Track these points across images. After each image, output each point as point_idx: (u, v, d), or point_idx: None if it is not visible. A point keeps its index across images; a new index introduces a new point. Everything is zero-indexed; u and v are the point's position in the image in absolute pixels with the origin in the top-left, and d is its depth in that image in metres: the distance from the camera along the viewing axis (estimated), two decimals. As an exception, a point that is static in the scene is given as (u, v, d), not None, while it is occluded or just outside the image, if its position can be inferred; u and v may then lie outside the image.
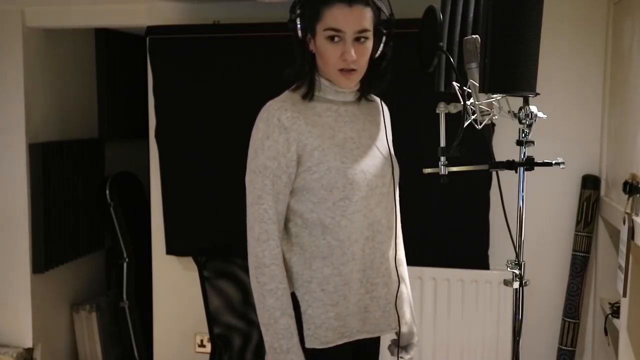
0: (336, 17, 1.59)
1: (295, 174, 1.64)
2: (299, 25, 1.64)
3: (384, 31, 1.66)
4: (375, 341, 1.87)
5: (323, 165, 1.63)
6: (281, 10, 2.92)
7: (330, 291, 1.66)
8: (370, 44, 1.64)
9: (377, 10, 1.64)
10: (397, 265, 1.83)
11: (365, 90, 1.75)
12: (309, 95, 1.67)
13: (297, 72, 1.69)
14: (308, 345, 1.65)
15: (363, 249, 1.68)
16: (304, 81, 1.68)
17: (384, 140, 1.79)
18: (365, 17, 1.61)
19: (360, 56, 1.62)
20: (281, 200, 1.64)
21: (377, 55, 1.68)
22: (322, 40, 1.62)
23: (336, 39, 1.61)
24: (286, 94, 1.71)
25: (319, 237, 1.65)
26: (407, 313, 1.89)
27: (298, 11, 1.64)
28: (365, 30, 1.61)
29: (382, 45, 1.67)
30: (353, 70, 1.64)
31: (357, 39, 1.61)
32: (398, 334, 1.88)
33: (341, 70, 1.64)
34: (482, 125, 1.75)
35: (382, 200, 1.71)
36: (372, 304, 1.72)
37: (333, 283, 1.66)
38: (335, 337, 1.67)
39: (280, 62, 1.80)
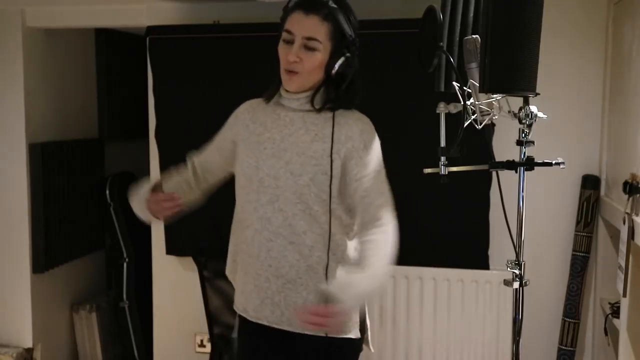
0: (292, 21, 1.74)
1: (228, 150, 1.91)
2: (281, 32, 1.78)
3: (344, 50, 1.73)
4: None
5: (240, 155, 1.85)
6: (281, 10, 2.93)
7: (238, 261, 1.91)
8: (319, 55, 1.72)
9: (336, 27, 1.72)
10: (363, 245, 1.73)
11: (318, 103, 1.78)
12: (270, 97, 1.85)
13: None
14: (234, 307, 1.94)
15: (253, 237, 1.81)
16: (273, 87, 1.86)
17: (310, 150, 1.76)
18: (317, 28, 1.71)
19: (305, 61, 1.72)
20: (203, 153, 2.01)
21: (333, 71, 1.74)
22: (280, 42, 1.77)
23: (289, 41, 1.74)
24: (263, 97, 1.89)
25: (236, 213, 1.91)
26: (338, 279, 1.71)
27: (282, 18, 1.79)
28: (313, 39, 1.71)
29: (338, 62, 1.73)
30: (294, 72, 1.74)
31: (305, 46, 1.71)
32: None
33: (286, 70, 1.75)
34: (482, 125, 1.75)
35: (276, 201, 1.77)
36: (254, 291, 1.84)
37: (238, 257, 1.90)
38: (240, 307, 1.90)
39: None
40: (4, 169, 3.24)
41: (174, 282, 3.22)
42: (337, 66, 1.73)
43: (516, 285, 1.78)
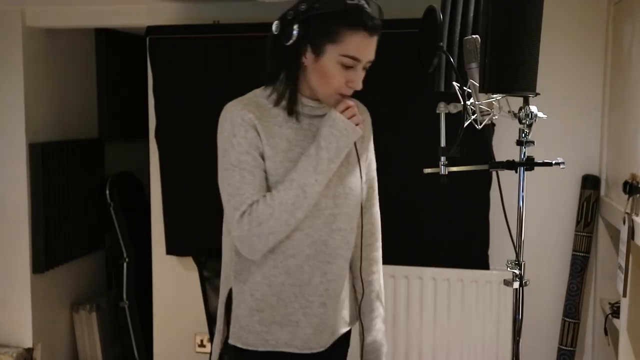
0: (358, 45, 1.54)
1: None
2: (295, 33, 1.55)
3: None
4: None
5: (272, 178, 1.59)
6: (281, 10, 2.93)
7: (258, 298, 1.66)
8: None
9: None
10: (368, 278, 1.81)
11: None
12: (292, 112, 1.61)
13: (273, 79, 1.64)
14: (230, 341, 1.70)
15: (301, 265, 1.63)
16: (282, 93, 1.62)
17: (350, 155, 1.68)
18: (375, 48, 1.59)
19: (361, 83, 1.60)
20: (265, 191, 1.57)
21: None
22: (331, 62, 1.55)
23: (349, 66, 1.55)
24: (250, 96, 1.67)
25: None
26: (374, 324, 1.84)
27: (298, 18, 1.54)
28: (372, 61, 1.60)
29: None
30: (347, 96, 1.61)
31: (363, 67, 1.59)
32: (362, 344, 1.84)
33: (340, 94, 1.60)
34: (482, 125, 1.75)
35: (333, 222, 1.64)
36: (305, 320, 1.68)
37: (261, 291, 1.65)
38: (258, 341, 1.67)
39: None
40: (4, 169, 3.24)
41: (174, 282, 3.22)
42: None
43: (516, 285, 1.78)
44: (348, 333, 1.85)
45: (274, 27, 1.61)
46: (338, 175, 1.65)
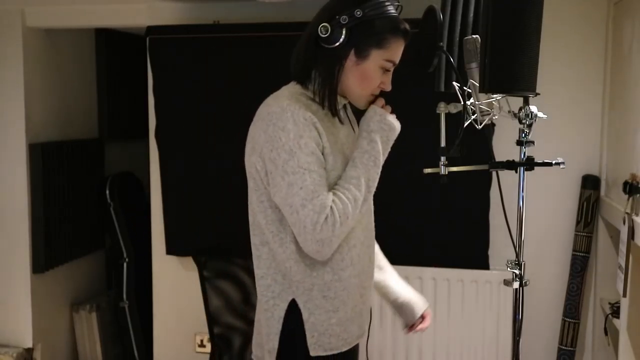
0: (398, 50, 1.64)
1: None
2: (343, 36, 1.58)
3: None
4: None
5: (334, 172, 1.60)
6: (281, 10, 2.94)
7: (331, 297, 1.64)
8: None
9: None
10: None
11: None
12: (335, 113, 1.64)
13: (304, 77, 1.66)
14: (312, 353, 1.64)
15: (359, 254, 1.68)
16: (323, 93, 1.63)
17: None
18: None
19: None
20: (324, 180, 1.57)
21: None
22: (374, 66, 1.62)
23: (387, 69, 1.65)
24: (293, 93, 1.64)
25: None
26: (404, 288, 1.98)
27: (346, 22, 1.58)
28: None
29: None
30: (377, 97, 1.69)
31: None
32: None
33: (372, 94, 1.68)
34: (482, 125, 1.75)
35: (371, 204, 1.74)
36: (364, 308, 1.74)
37: (334, 289, 1.64)
38: (339, 343, 1.67)
39: (280, 62, 1.80)
40: (4, 169, 3.24)
41: (174, 282, 3.22)
42: None
43: (516, 285, 1.78)
44: None
45: (321, 29, 1.59)
46: None
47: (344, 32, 1.58)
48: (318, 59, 1.62)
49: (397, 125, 1.67)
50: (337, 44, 1.59)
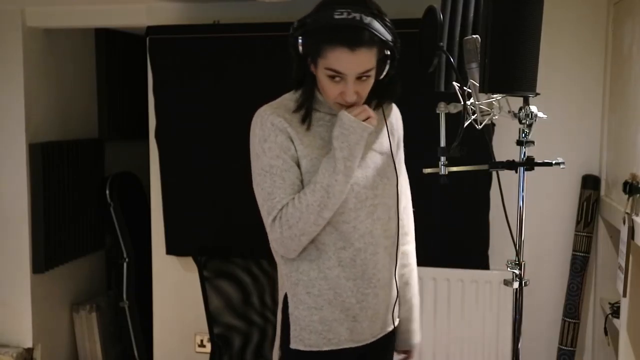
0: (337, 59, 1.56)
1: (298, 172, 1.64)
2: (300, 48, 1.61)
3: (388, 53, 1.62)
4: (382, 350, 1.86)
5: (310, 175, 1.63)
6: (281, 10, 2.93)
7: (315, 294, 1.68)
8: (372, 77, 1.63)
9: (380, 44, 1.59)
10: (400, 271, 1.86)
11: (369, 102, 1.71)
12: (306, 120, 1.65)
13: (296, 85, 1.70)
14: (292, 345, 1.71)
15: (354, 259, 1.68)
16: (302, 100, 1.67)
17: (384, 147, 1.77)
18: (368, 59, 1.58)
19: (361, 91, 1.63)
20: (297, 191, 1.62)
21: (381, 77, 1.66)
22: (322, 75, 1.61)
23: (337, 78, 1.59)
24: (280, 101, 1.71)
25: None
26: (410, 319, 1.92)
27: (300, 35, 1.60)
28: (367, 71, 1.59)
29: (386, 68, 1.65)
30: (352, 104, 1.64)
31: (359, 78, 1.60)
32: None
33: (339, 104, 1.64)
34: (482, 125, 1.75)
35: (374, 212, 1.70)
36: (361, 314, 1.72)
37: (318, 286, 1.68)
38: (320, 341, 1.70)
39: (281, 62, 1.80)
40: (4, 169, 3.24)
41: (174, 282, 3.22)
42: (386, 71, 1.65)
43: (516, 285, 1.78)
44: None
45: (289, 37, 1.65)
46: (374, 167, 1.71)
47: (300, 41, 1.60)
48: (295, 66, 1.67)
49: (359, 127, 1.61)
50: (296, 52, 1.63)
